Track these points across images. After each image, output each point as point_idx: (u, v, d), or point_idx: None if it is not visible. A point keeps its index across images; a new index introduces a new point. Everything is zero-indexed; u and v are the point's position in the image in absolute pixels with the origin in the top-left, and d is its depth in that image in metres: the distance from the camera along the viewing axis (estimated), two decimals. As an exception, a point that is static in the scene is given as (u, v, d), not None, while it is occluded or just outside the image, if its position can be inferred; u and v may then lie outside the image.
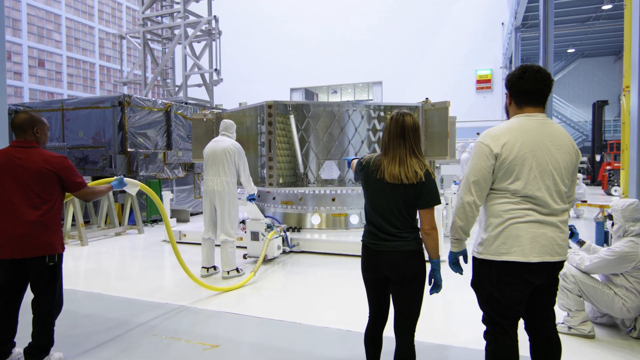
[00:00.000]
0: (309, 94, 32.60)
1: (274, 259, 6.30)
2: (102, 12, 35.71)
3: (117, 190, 3.69)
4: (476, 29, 26.80)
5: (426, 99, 7.38)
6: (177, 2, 15.13)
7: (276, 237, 6.17)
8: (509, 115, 2.40)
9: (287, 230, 6.91)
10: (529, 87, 2.23)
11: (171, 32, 15.54)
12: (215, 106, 14.26)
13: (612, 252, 3.33)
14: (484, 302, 2.32)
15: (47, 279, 3.00)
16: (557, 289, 2.34)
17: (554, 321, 2.38)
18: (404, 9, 28.14)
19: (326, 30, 29.49)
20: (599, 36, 24.32)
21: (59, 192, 3.07)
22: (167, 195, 8.51)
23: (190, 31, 14.49)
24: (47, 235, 2.96)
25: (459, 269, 2.47)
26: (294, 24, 30.16)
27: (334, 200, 7.57)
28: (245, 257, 6.23)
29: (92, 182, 3.50)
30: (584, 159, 21.54)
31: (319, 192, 7.59)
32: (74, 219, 7.78)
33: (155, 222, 10.17)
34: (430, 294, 2.51)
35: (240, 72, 29.36)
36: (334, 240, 6.69)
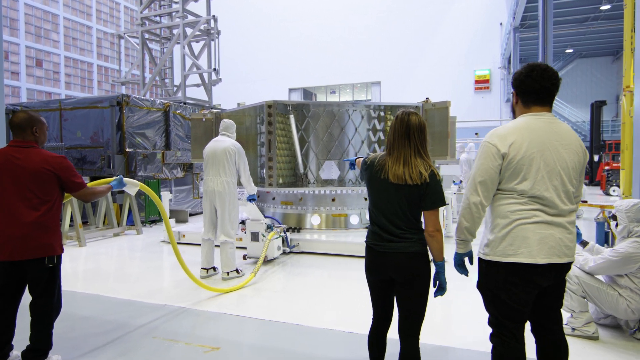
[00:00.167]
0: (308, 94, 32.56)
1: (274, 259, 6.27)
2: (100, 12, 35.55)
3: (116, 190, 3.64)
4: (474, 29, 26.80)
5: (427, 98, 7.35)
6: (176, 2, 15.09)
7: (276, 238, 6.14)
8: (515, 114, 2.36)
9: (287, 230, 6.87)
10: (537, 86, 2.20)
11: (169, 32, 15.50)
12: (213, 106, 14.21)
13: (617, 253, 3.30)
14: (490, 304, 2.29)
15: (45, 280, 2.96)
16: (564, 290, 2.31)
17: (561, 323, 2.35)
18: (403, 8, 28.13)
19: (324, 29, 29.46)
20: (597, 36, 24.40)
21: (58, 192, 3.02)
22: (166, 195, 8.47)
23: (188, 31, 14.44)
24: (46, 236, 2.92)
25: (464, 271, 2.44)
26: (292, 24, 30.13)
27: (333, 200, 7.54)
28: (245, 257, 6.19)
29: (91, 183, 3.44)
30: (582, 159, 21.51)
31: (318, 193, 7.55)
32: (71, 220, 7.72)
33: (153, 222, 10.11)
34: (434, 296, 2.49)
35: (238, 71, 29.34)
36: (334, 240, 6.66)
